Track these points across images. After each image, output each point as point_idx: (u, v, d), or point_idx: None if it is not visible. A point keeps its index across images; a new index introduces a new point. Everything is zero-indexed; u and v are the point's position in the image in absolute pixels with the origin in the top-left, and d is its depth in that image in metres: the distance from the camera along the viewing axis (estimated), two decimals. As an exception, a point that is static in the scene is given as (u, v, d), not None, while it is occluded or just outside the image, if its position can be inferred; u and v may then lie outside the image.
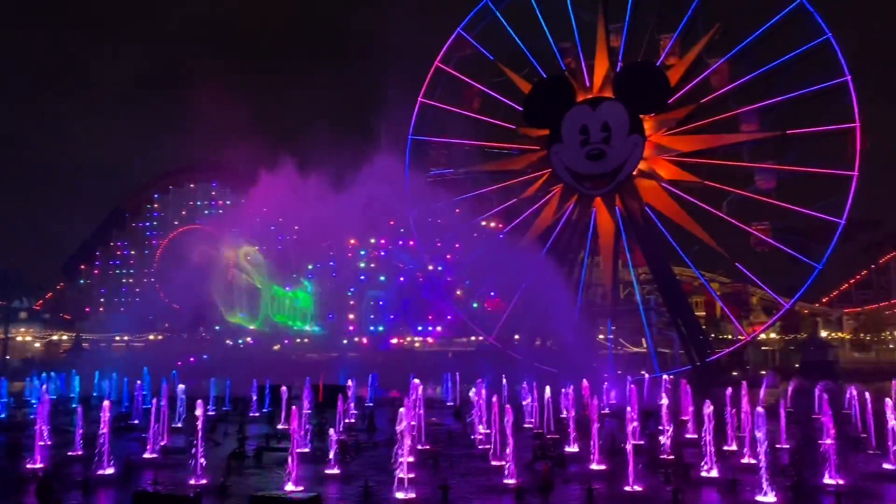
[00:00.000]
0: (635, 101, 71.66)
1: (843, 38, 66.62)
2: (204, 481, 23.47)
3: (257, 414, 45.13)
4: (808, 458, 25.91)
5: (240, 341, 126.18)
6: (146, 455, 28.86)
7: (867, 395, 32.70)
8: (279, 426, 37.92)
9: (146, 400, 43.83)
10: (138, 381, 46.52)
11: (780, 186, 68.49)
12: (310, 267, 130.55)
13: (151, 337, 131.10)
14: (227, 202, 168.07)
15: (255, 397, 47.66)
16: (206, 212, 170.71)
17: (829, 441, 24.08)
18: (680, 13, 73.60)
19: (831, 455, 23.37)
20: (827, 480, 22.71)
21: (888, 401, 28.68)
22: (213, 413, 43.01)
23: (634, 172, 73.12)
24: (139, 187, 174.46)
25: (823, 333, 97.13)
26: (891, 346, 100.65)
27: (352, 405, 44.47)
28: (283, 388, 43.56)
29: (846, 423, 34.51)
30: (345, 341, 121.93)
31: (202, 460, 23.96)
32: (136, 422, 38.78)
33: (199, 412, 25.49)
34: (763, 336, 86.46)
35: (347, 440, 31.25)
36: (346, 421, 38.83)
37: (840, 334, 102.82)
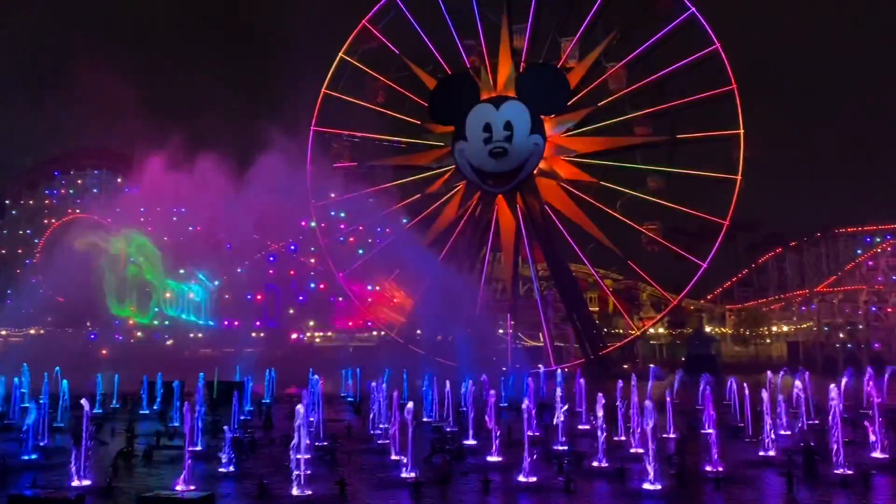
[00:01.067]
0: (537, 102, 73.36)
1: (730, 48, 70.67)
2: (88, 482, 22.34)
3: (148, 411, 43.33)
4: (692, 446, 27.27)
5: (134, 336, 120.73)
6: (24, 456, 27.19)
7: (745, 386, 34.71)
8: (171, 424, 36.56)
9: (25, 398, 41.35)
10: (17, 378, 43.76)
11: (670, 188, 71.93)
12: (205, 260, 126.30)
13: (33, 331, 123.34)
14: (117, 190, 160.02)
15: (145, 394, 45.71)
16: (94, 200, 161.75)
17: (710, 430, 25.42)
18: (580, 18, 75.90)
19: (712, 443, 24.68)
20: (708, 468, 23.94)
21: (764, 392, 30.61)
22: (101, 411, 40.98)
23: (535, 171, 74.86)
24: (21, 173, 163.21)
25: (707, 328, 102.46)
26: (767, 341, 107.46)
27: (248, 402, 43.48)
28: (176, 385, 42.09)
29: (726, 414, 36.54)
30: (253, 335, 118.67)
31: (87, 460, 22.77)
32: (14, 421, 36.45)
33: (84, 410, 24.21)
34: (652, 331, 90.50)
35: (242, 437, 30.49)
36: (242, 418, 37.86)
37: (722, 329, 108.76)
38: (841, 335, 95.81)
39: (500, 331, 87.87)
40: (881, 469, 24.31)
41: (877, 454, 25.73)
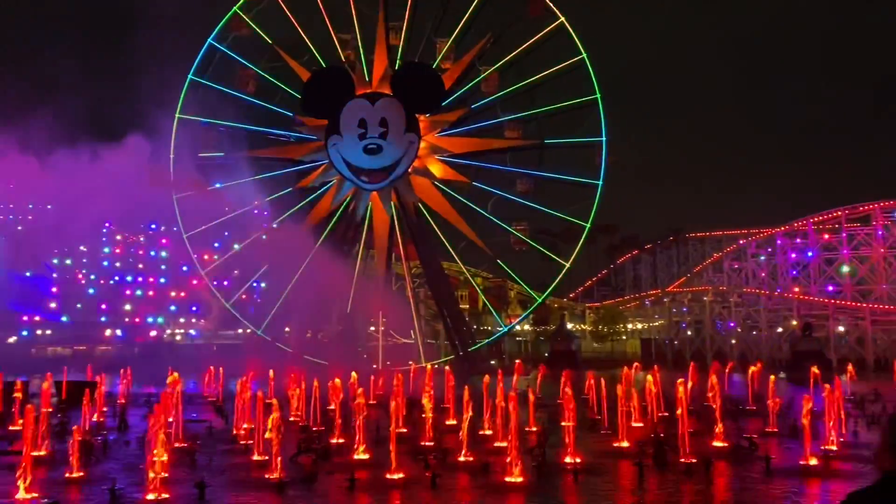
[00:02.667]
0: (412, 100, 73.73)
1: (597, 58, 74.21)
2: (-89, 494, 20.28)
3: (-16, 415, 39.77)
4: (552, 439, 28.35)
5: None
6: None
7: (602, 381, 36.50)
8: (11, 427, 33.81)
9: None
10: None
11: (538, 191, 74.57)
12: (56, 252, 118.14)
13: None
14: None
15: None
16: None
17: (569, 423, 26.51)
18: (456, 20, 77.07)
19: (571, 436, 25.77)
20: (567, 459, 24.98)
21: (619, 386, 32.32)
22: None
23: (409, 169, 75.23)
24: None
25: (569, 326, 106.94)
26: (623, 338, 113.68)
27: (101, 402, 40.89)
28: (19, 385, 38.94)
29: (584, 407, 38.28)
30: (108, 332, 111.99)
31: None
32: None
33: None
34: (518, 327, 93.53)
35: (93, 440, 28.68)
36: (94, 419, 35.60)
37: (583, 326, 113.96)
38: (689, 332, 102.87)
39: (372, 328, 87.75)
40: (720, 456, 26.29)
41: (718, 443, 27.79)
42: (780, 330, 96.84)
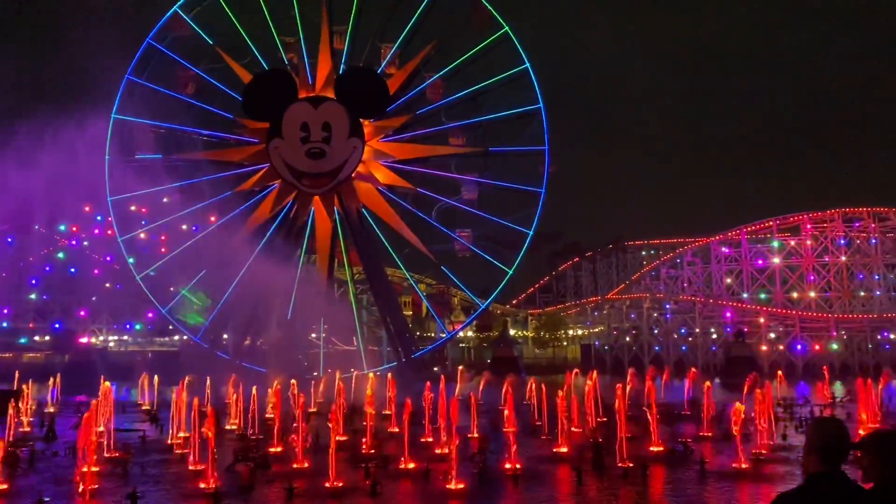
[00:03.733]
0: (356, 105, 73.23)
1: (540, 68, 75.16)
2: None
3: None
4: (493, 445, 28.47)
5: None
6: None
7: (543, 387, 36.88)
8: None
9: None
10: None
11: (482, 198, 74.93)
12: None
13: None
14: None
15: None
16: None
17: (510, 429, 26.69)
18: (401, 25, 77.02)
19: (511, 442, 25.93)
20: (507, 465, 25.11)
21: (560, 392, 32.67)
22: None
23: (353, 174, 74.71)
24: None
25: (512, 332, 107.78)
26: (564, 344, 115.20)
27: (28, 411, 39.33)
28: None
29: (526, 413, 38.61)
30: (23, 340, 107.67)
31: None
32: None
33: None
34: (461, 334, 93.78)
35: (17, 450, 27.52)
36: (20, 429, 34.19)
37: (525, 332, 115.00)
38: (627, 339, 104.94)
39: (313, 335, 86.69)
40: (657, 460, 26.83)
41: (654, 447, 28.37)
42: (714, 336, 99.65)
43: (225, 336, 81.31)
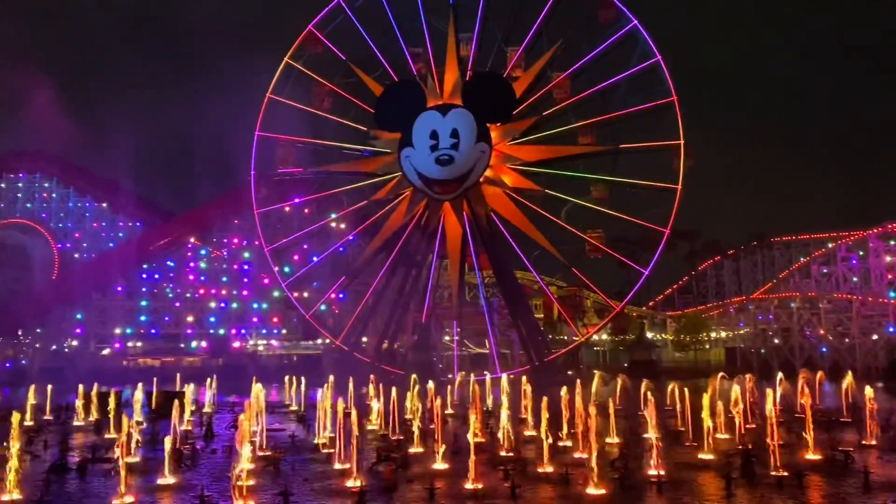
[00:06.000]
0: (483, 110, 73.80)
1: (672, 60, 72.48)
2: (18, 497, 21.43)
3: (83, 423, 41.85)
4: (634, 451, 27.69)
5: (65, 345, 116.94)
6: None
7: (686, 391, 35.45)
8: (107, 435, 35.41)
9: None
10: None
11: (613, 197, 73.25)
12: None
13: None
14: (54, 195, 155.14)
15: (79, 405, 44.10)
16: (28, 205, 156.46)
17: (651, 435, 25.82)
18: (526, 28, 76.84)
19: (654, 448, 25.09)
20: (649, 472, 24.32)
21: (704, 397, 31.27)
22: (32, 423, 39.37)
23: (481, 179, 75.23)
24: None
25: (649, 335, 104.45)
26: (706, 347, 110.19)
27: (189, 411, 42.38)
28: (113, 395, 40.87)
29: (667, 418, 37.26)
30: (182, 345, 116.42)
31: (16, 474, 21.82)
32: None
33: (13, 422, 23.18)
34: (595, 337, 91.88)
35: (182, 448, 29.71)
36: (182, 428, 36.89)
37: (663, 335, 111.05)
38: (776, 340, 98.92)
39: (447, 338, 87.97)
40: (813, 469, 25.08)
41: (810, 455, 26.54)
42: (875, 337, 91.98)
43: (364, 339, 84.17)
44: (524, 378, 50.07)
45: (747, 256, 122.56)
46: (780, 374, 41.41)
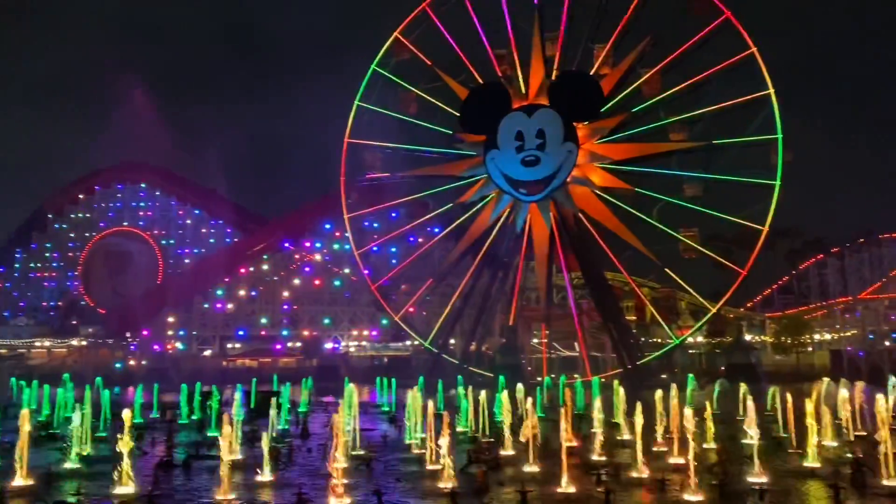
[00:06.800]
0: (570, 109, 72.91)
1: (767, 51, 69.51)
2: (130, 491, 22.64)
3: (186, 421, 43.84)
4: (734, 457, 26.70)
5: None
6: (67, 465, 27.68)
7: (788, 396, 33.88)
8: (209, 433, 36.94)
9: (68, 408, 42.09)
10: (60, 389, 44.75)
11: (707, 194, 70.81)
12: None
13: (75, 342, 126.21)
14: (157, 204, 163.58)
15: (183, 403, 46.25)
16: (134, 214, 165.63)
17: (752, 441, 24.81)
18: (613, 24, 75.42)
19: (755, 454, 24.12)
20: (751, 479, 23.39)
21: (808, 402, 29.80)
22: (141, 421, 41.54)
23: (568, 179, 74.34)
24: (62, 188, 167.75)
25: (747, 337, 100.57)
26: (809, 349, 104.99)
27: (284, 411, 43.68)
28: (211, 394, 42.68)
29: (769, 424, 35.73)
30: (278, 346, 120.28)
31: (128, 469, 23.07)
32: (58, 431, 37.13)
33: (125, 419, 24.52)
34: (690, 339, 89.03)
35: (280, 446, 30.65)
36: (279, 427, 38.08)
37: (763, 338, 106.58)
38: (886, 343, 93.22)
39: (535, 340, 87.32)
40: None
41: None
42: None
43: (452, 341, 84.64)
44: (616, 382, 49.14)
45: (853, 254, 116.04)
46: (892, 379, 38.94)
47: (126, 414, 24.91)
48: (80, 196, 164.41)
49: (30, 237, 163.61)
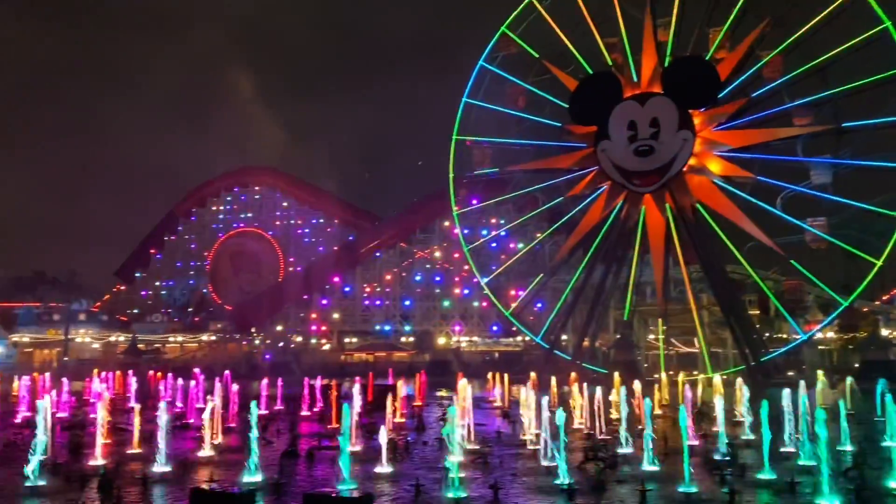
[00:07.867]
0: (684, 96, 70.39)
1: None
2: (258, 479, 23.82)
3: (308, 413, 45.64)
4: (871, 459, 25.05)
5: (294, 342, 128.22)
6: (201, 453, 29.44)
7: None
8: (330, 425, 38.31)
9: (201, 399, 44.77)
10: (192, 381, 47.62)
11: (837, 181, 66.45)
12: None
13: (205, 338, 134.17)
14: (284, 204, 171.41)
15: (306, 396, 48.18)
16: (258, 215, 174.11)
17: (892, 443, 23.18)
18: (729, 6, 72.13)
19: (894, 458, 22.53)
20: (892, 484, 21.88)
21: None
22: (266, 412, 43.62)
23: (685, 168, 71.83)
24: (193, 191, 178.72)
25: (884, 332, 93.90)
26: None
27: (401, 404, 44.68)
28: (334, 387, 44.24)
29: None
30: (392, 341, 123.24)
31: (256, 459, 24.29)
32: (192, 421, 39.59)
33: (252, 411, 25.84)
34: (820, 335, 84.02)
35: (397, 439, 31.38)
36: (396, 420, 38.99)
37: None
38: None
39: (651, 336, 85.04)
40: None
41: None
42: None
43: (564, 337, 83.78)
44: (739, 379, 47.15)
45: None
46: None
47: (253, 406, 26.23)
48: (207, 198, 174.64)
49: (162, 240, 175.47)
